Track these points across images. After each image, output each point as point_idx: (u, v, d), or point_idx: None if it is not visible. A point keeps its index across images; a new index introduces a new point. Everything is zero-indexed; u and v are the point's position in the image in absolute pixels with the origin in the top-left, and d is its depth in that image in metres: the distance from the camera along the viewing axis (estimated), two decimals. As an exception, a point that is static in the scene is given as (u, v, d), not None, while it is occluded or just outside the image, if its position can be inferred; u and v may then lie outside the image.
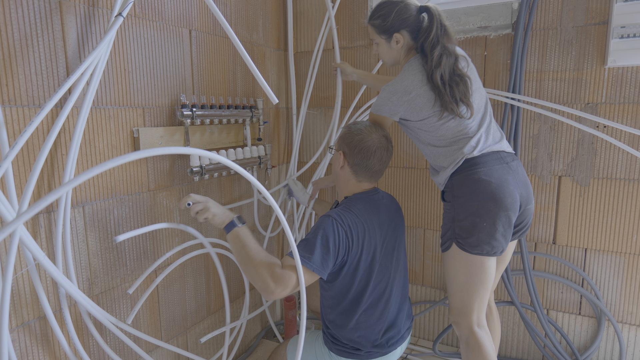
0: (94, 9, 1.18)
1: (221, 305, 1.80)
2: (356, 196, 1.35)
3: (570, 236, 1.74)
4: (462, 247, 1.28)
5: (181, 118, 1.44)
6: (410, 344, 2.03)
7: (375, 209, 1.33)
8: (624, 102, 1.58)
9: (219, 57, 1.67)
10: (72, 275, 1.16)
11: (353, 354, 1.33)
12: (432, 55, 1.28)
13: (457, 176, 1.31)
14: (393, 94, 1.32)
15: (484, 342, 1.31)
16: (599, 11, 1.56)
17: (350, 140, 1.33)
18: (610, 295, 1.71)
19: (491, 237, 1.24)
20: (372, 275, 1.29)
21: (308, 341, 1.46)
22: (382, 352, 1.35)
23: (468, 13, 1.76)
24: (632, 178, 1.61)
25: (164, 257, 1.39)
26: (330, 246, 1.17)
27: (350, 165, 1.34)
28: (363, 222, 1.26)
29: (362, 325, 1.31)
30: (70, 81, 0.99)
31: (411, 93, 1.29)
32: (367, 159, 1.32)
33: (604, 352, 1.75)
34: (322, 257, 1.16)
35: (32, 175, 0.96)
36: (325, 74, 2.09)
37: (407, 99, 1.30)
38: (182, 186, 1.54)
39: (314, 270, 1.15)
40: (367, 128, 1.35)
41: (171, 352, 1.54)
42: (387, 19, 1.35)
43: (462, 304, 1.32)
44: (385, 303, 1.34)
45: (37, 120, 0.92)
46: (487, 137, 1.32)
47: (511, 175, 1.28)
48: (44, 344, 1.15)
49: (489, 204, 1.23)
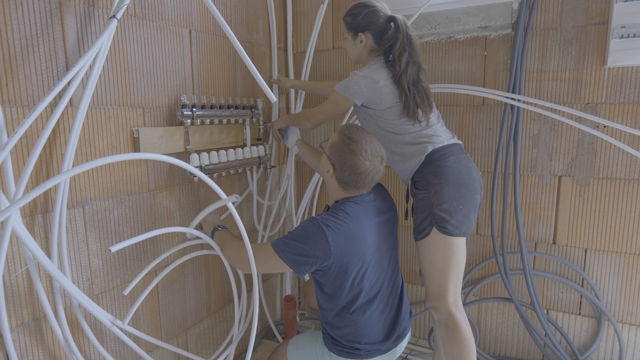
0: (93, 9, 1.18)
1: (221, 305, 1.81)
2: (348, 200, 1.32)
3: (570, 236, 1.74)
4: (443, 231, 1.36)
5: (181, 118, 1.44)
6: (410, 343, 2.03)
7: (365, 211, 1.31)
8: (624, 102, 1.58)
9: (219, 57, 1.67)
10: (67, 275, 1.16)
11: (353, 353, 1.33)
12: (400, 62, 1.42)
13: (430, 166, 1.40)
14: (362, 78, 1.42)
15: (462, 323, 1.38)
16: (599, 11, 1.56)
17: (343, 160, 1.27)
18: (610, 295, 1.71)
19: (466, 218, 1.38)
20: (364, 276, 1.29)
21: (308, 341, 1.46)
22: (382, 351, 1.35)
23: (468, 13, 1.76)
24: (632, 178, 1.61)
25: (162, 257, 1.38)
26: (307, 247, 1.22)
27: (338, 180, 1.31)
28: (352, 226, 1.25)
29: (359, 325, 1.31)
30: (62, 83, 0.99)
31: (379, 82, 1.42)
32: (355, 181, 1.29)
33: (604, 352, 1.75)
34: (295, 253, 1.23)
35: (25, 171, 0.96)
36: (324, 74, 2.09)
37: (375, 86, 1.42)
38: (182, 186, 1.54)
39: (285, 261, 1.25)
40: (363, 150, 1.26)
41: (171, 352, 1.55)
42: (356, 18, 1.48)
43: (439, 288, 1.39)
44: (381, 302, 1.34)
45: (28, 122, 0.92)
46: (445, 131, 1.49)
47: (471, 164, 1.44)
48: (44, 344, 1.15)
49: (462, 189, 1.36)
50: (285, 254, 1.24)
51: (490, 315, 1.92)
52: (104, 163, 0.81)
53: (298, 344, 1.47)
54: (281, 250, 1.25)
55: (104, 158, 0.90)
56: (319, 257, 1.22)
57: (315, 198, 2.15)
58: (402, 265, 2.06)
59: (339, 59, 2.04)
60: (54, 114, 1.00)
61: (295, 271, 1.24)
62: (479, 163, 1.83)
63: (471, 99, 1.80)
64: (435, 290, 1.41)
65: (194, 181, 1.58)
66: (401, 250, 2.05)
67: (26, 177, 0.97)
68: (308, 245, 1.22)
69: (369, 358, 1.34)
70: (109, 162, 0.78)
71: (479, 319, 1.94)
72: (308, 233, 1.23)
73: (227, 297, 1.84)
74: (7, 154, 0.91)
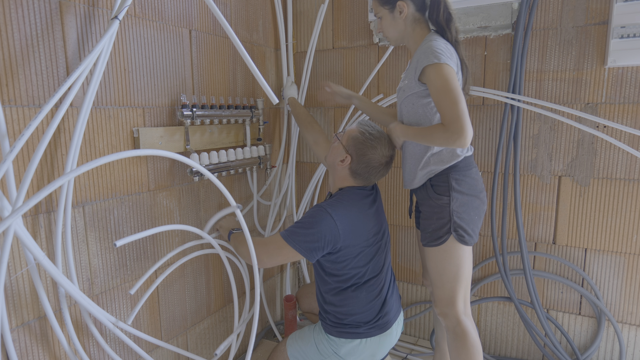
0: (93, 9, 1.18)
1: (221, 305, 1.81)
2: (350, 189, 1.41)
3: (570, 236, 1.74)
4: (461, 240, 1.34)
5: (181, 118, 1.44)
6: (410, 343, 2.04)
7: (365, 198, 1.42)
8: (624, 102, 1.58)
9: (219, 57, 1.67)
10: (73, 275, 1.16)
11: (353, 333, 1.39)
12: (449, 30, 1.31)
13: (455, 173, 1.35)
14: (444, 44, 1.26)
15: (471, 330, 1.37)
16: (599, 11, 1.56)
17: (362, 153, 1.36)
18: (610, 295, 1.71)
19: (477, 228, 1.39)
20: (369, 256, 1.38)
21: (306, 332, 1.50)
22: (382, 329, 1.42)
23: (468, 13, 1.76)
24: (632, 178, 1.61)
25: (166, 257, 1.39)
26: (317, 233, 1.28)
27: (351, 170, 1.39)
28: (356, 211, 1.35)
29: (362, 301, 1.38)
30: (64, 87, 0.99)
31: (453, 56, 1.28)
32: (368, 173, 1.39)
33: (604, 352, 1.75)
34: (307, 240, 1.29)
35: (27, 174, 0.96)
36: (324, 74, 2.09)
37: (454, 60, 1.28)
38: (182, 186, 1.54)
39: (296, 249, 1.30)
40: (380, 144, 1.36)
41: (171, 352, 1.55)
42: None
43: (450, 295, 1.37)
44: (380, 282, 1.42)
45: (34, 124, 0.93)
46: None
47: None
48: (44, 344, 1.15)
49: (477, 200, 1.37)
50: (297, 243, 1.30)
51: (490, 315, 1.92)
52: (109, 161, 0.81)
53: (296, 337, 1.51)
54: (292, 240, 1.30)
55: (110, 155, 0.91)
56: (329, 240, 1.29)
57: (315, 198, 2.15)
58: (402, 265, 2.06)
59: (339, 59, 2.04)
60: (57, 115, 1.00)
61: (308, 258, 1.32)
62: (479, 163, 1.83)
63: (471, 98, 1.80)
64: (445, 297, 1.38)
65: (194, 181, 1.58)
66: (401, 250, 2.05)
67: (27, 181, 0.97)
68: (318, 231, 1.28)
69: (369, 337, 1.40)
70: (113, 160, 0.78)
71: (479, 319, 1.94)
72: (316, 219, 1.30)
73: (227, 297, 1.84)
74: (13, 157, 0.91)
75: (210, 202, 1.68)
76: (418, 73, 1.29)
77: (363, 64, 2.00)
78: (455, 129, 1.17)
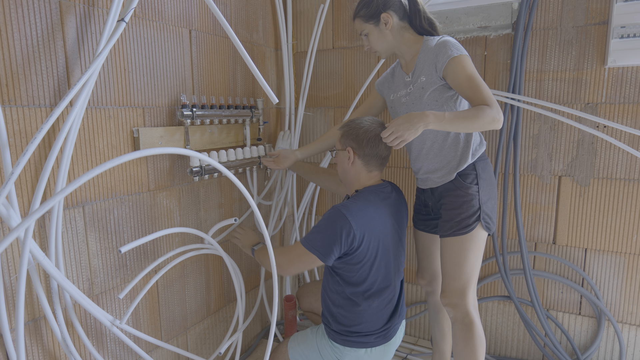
0: (93, 9, 1.17)
1: (221, 305, 1.80)
2: (367, 189, 1.39)
3: (570, 236, 1.74)
4: (487, 227, 1.38)
5: (181, 118, 1.44)
6: (410, 343, 2.03)
7: (386, 199, 1.39)
8: (624, 102, 1.58)
9: (219, 57, 1.67)
10: (62, 272, 1.16)
11: (359, 342, 1.37)
12: (437, 32, 1.40)
13: (481, 162, 1.41)
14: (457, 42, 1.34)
15: (477, 322, 1.38)
16: (599, 11, 1.56)
17: (356, 135, 1.37)
18: (610, 295, 1.71)
19: (496, 217, 1.43)
20: (382, 262, 1.35)
21: (309, 336, 1.48)
22: (386, 338, 1.40)
23: (468, 13, 1.76)
24: (632, 178, 1.61)
25: (159, 260, 1.38)
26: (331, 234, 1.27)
27: (361, 157, 1.38)
28: (372, 211, 1.32)
29: (372, 309, 1.36)
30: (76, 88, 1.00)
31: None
32: (376, 147, 1.36)
33: (604, 352, 1.75)
34: (323, 243, 1.28)
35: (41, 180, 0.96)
36: (324, 74, 2.09)
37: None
38: (182, 186, 1.54)
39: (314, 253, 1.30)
40: (365, 120, 1.40)
41: (171, 352, 1.54)
42: (370, 4, 1.38)
43: (464, 285, 1.37)
44: (390, 289, 1.40)
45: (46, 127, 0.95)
46: None
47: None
48: (44, 344, 1.15)
49: (495, 190, 1.44)
50: (315, 248, 1.30)
51: (490, 315, 1.92)
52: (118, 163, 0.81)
53: (299, 339, 1.49)
54: (311, 246, 1.31)
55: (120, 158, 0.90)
56: (345, 241, 1.27)
57: (316, 198, 2.15)
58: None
59: (339, 59, 2.04)
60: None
61: (325, 261, 1.30)
62: (479, 163, 1.83)
63: (471, 99, 1.80)
64: (458, 287, 1.37)
65: (194, 181, 1.58)
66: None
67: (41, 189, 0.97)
68: (332, 231, 1.27)
69: (373, 347, 1.38)
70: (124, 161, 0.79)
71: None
72: (330, 220, 1.29)
73: (227, 297, 1.84)
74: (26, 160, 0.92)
75: (210, 202, 1.68)
76: (441, 67, 1.31)
77: (363, 64, 2.00)
78: (498, 108, 1.24)
